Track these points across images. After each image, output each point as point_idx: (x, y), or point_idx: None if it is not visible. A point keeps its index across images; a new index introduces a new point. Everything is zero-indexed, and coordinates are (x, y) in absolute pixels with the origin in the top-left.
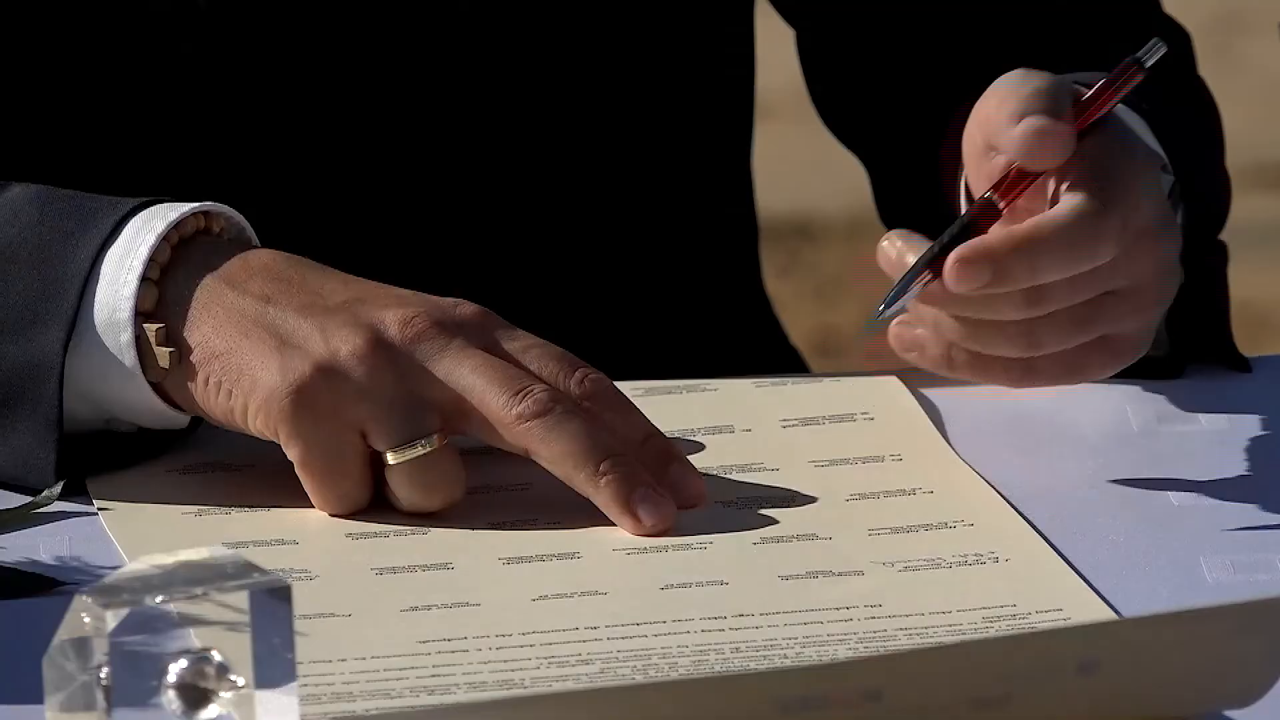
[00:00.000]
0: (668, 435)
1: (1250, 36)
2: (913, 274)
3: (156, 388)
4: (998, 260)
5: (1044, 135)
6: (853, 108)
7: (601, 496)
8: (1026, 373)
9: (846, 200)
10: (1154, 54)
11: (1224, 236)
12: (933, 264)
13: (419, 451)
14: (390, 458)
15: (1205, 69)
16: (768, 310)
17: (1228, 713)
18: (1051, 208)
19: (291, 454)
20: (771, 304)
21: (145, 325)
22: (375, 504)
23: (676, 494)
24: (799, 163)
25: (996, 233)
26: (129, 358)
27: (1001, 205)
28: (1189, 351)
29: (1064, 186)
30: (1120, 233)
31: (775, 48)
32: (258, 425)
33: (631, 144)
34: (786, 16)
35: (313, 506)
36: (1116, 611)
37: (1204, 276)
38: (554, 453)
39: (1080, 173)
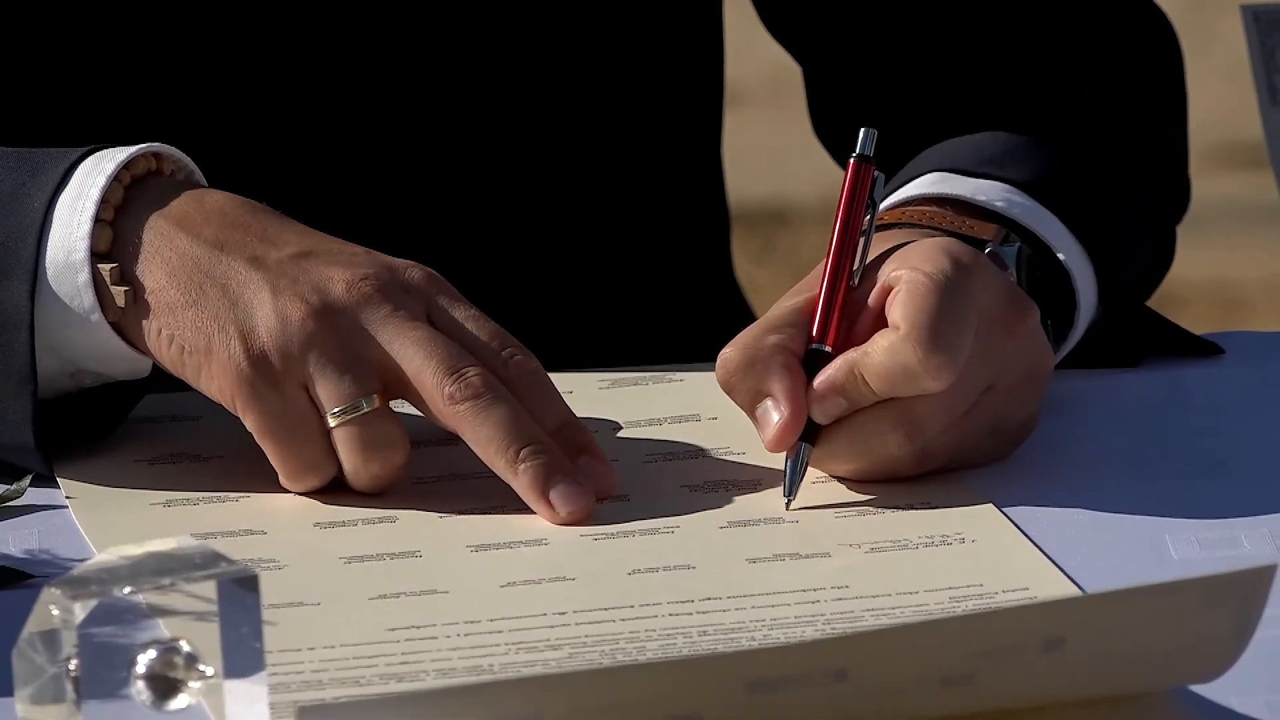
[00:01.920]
0: (635, 425)
1: (1221, 15)
2: (793, 460)
3: (116, 328)
4: (845, 393)
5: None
6: (851, 128)
7: (520, 483)
8: (918, 468)
9: (821, 186)
10: (869, 144)
11: (1193, 217)
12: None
13: (360, 411)
14: (331, 420)
15: None
16: (738, 297)
17: (1193, 687)
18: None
19: (249, 422)
20: (742, 291)
21: (100, 265)
22: (342, 492)
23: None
24: (774, 149)
25: (836, 364)
26: (87, 298)
27: (829, 349)
28: (1148, 343)
29: (890, 313)
30: (947, 365)
31: (749, 35)
32: (211, 390)
33: (600, 133)
34: (782, 42)
35: (281, 492)
36: (1082, 589)
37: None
38: (478, 436)
39: (904, 297)
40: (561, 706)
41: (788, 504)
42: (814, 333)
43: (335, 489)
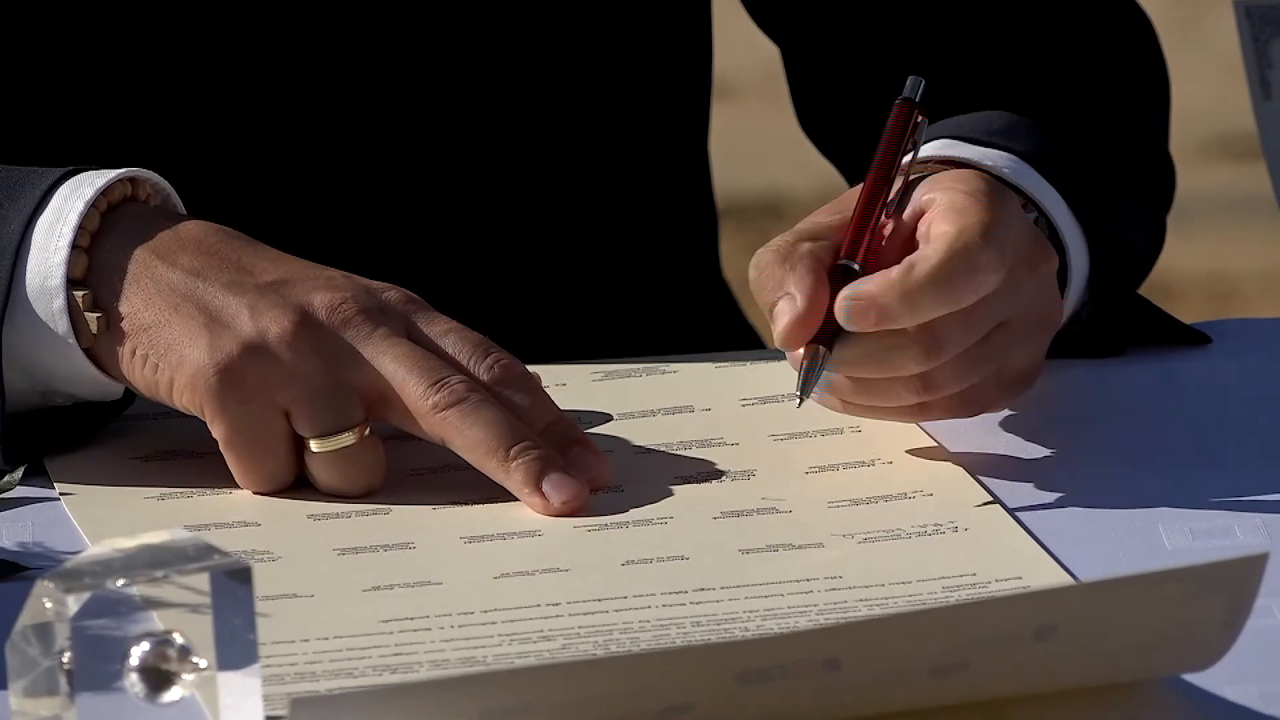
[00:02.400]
0: (628, 417)
1: (1214, 9)
2: (810, 359)
3: (89, 354)
4: (879, 307)
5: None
6: (838, 122)
7: (512, 481)
8: (920, 412)
9: (815, 178)
10: (916, 89)
11: (1188, 209)
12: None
13: (343, 443)
14: (314, 445)
15: (1169, 43)
16: (725, 291)
17: (1187, 677)
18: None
19: (216, 432)
20: (729, 285)
21: (74, 292)
22: None
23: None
24: (767, 142)
25: (876, 278)
26: (61, 325)
27: (857, 265)
28: (1135, 332)
29: (931, 227)
30: (1000, 260)
31: (745, 27)
32: (183, 401)
33: (588, 127)
34: (768, 32)
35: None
36: (1075, 579)
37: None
38: (466, 441)
39: (943, 211)
40: (553, 698)
41: (799, 402)
42: (844, 250)
43: None
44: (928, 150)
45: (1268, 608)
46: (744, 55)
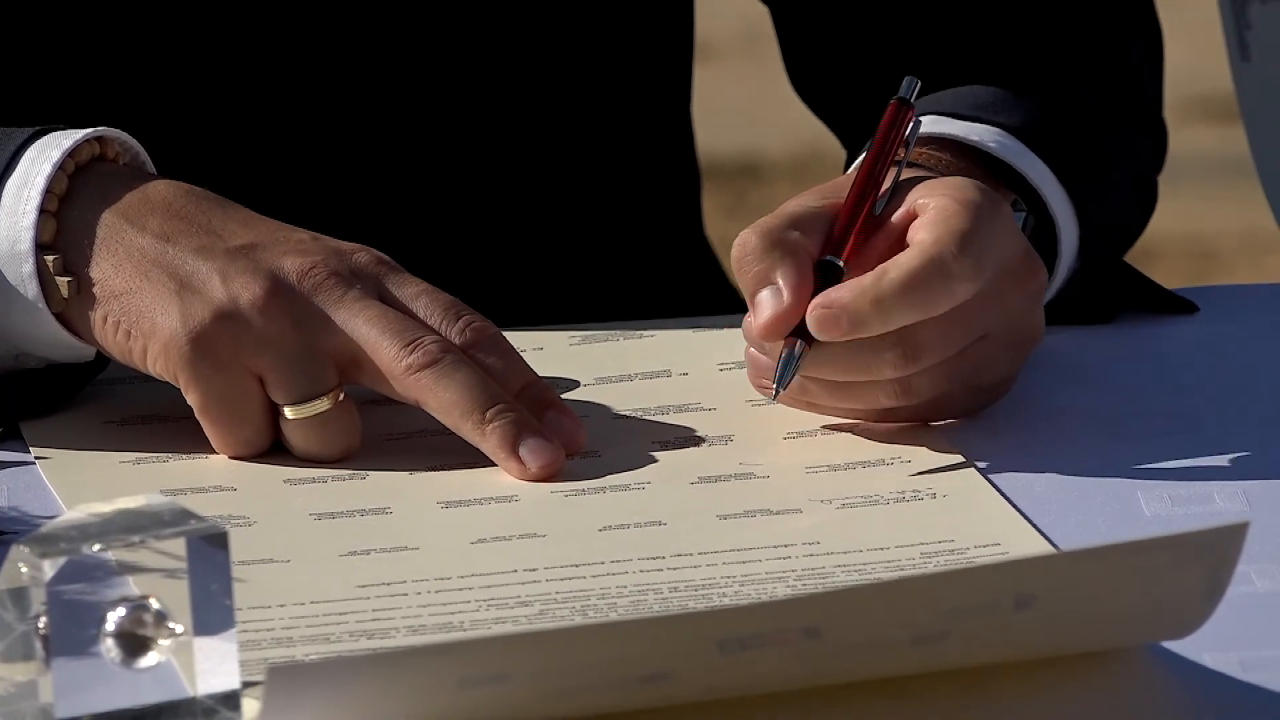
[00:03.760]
0: (605, 382)
1: None
2: (788, 352)
3: (60, 318)
4: (850, 314)
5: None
6: (830, 82)
7: (488, 444)
8: (888, 415)
9: (793, 140)
10: (911, 90)
11: (1166, 171)
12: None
13: (317, 409)
14: (289, 412)
15: None
16: (709, 253)
17: (1167, 644)
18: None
19: (191, 399)
20: (712, 247)
21: (44, 256)
22: None
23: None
24: (745, 103)
25: (849, 285)
26: (31, 289)
27: (842, 263)
28: (1124, 299)
29: (915, 233)
30: (975, 269)
31: None
32: (157, 369)
33: (570, 89)
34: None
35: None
36: (1055, 546)
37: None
38: (441, 402)
39: (930, 218)
40: (531, 666)
41: (775, 394)
42: (831, 244)
43: None
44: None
45: (1247, 575)
46: (721, 17)
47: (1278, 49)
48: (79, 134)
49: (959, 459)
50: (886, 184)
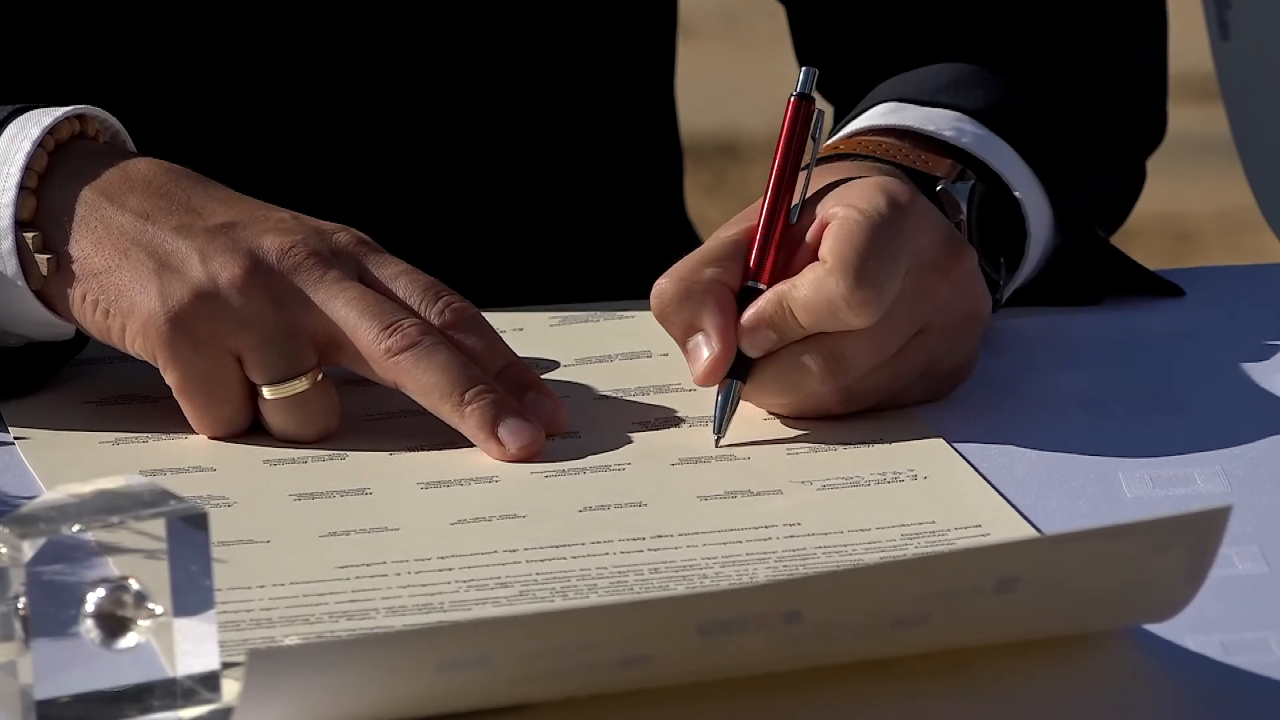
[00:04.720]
0: (585, 362)
1: None
2: (723, 395)
3: (40, 295)
4: (774, 325)
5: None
6: (847, 76)
7: (468, 425)
8: (846, 407)
9: (772, 118)
10: (809, 83)
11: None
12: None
13: (296, 389)
14: (267, 392)
15: None
16: (690, 233)
17: (1149, 627)
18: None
19: (170, 379)
20: (694, 226)
21: (24, 233)
22: None
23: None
24: (724, 81)
25: (760, 301)
26: (10, 266)
27: (764, 287)
28: (1110, 281)
29: (821, 246)
30: (873, 298)
31: None
32: (135, 348)
33: (552, 66)
34: None
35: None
36: (1036, 528)
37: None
38: (420, 385)
39: (833, 236)
40: (511, 649)
41: (716, 441)
42: (750, 270)
43: None
44: (870, 118)
45: (1229, 557)
46: None
47: (1258, 28)
48: (59, 111)
49: (940, 440)
50: (798, 194)
